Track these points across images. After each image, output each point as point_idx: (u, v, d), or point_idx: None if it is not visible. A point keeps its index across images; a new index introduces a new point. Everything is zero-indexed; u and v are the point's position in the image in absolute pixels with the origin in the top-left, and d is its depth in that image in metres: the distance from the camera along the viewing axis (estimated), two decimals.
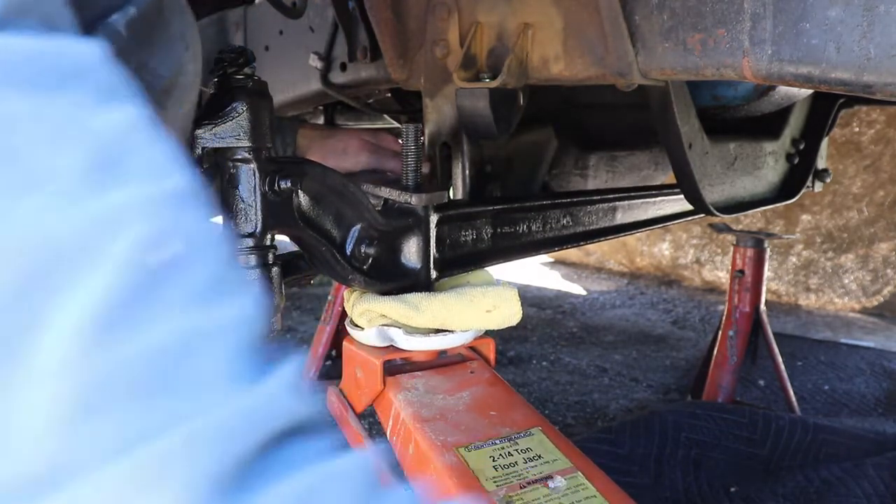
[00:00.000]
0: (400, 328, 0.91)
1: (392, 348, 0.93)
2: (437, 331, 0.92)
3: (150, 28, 0.50)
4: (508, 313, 0.95)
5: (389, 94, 1.57)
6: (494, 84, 0.94)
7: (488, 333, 1.00)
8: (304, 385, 0.33)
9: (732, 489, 1.60)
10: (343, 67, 1.29)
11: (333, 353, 2.29)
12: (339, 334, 2.25)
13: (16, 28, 0.31)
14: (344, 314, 2.28)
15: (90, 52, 0.33)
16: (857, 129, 3.31)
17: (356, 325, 0.94)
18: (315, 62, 1.30)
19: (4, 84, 0.29)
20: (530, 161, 1.38)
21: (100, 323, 0.27)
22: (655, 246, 4.09)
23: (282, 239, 0.89)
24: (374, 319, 0.91)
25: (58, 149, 0.29)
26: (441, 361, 0.98)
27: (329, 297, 2.31)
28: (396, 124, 1.74)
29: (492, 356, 1.00)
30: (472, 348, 1.01)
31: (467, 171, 1.09)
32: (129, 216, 0.30)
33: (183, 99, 0.55)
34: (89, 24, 0.46)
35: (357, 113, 1.88)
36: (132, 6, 0.48)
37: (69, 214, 0.28)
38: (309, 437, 0.32)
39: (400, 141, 0.98)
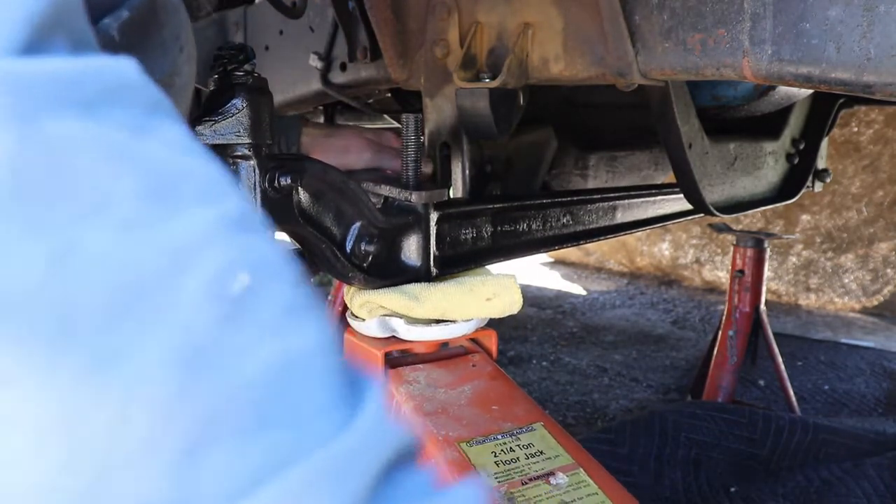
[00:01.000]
0: (401, 318, 0.91)
1: (393, 339, 0.93)
2: (439, 321, 0.92)
3: (143, 31, 0.47)
4: (509, 301, 0.95)
5: (389, 94, 1.57)
6: (494, 84, 0.94)
7: (490, 325, 1.00)
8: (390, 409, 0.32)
9: (732, 489, 1.60)
10: (343, 67, 1.29)
11: None
12: (339, 334, 2.25)
13: (48, 49, 0.29)
14: (344, 315, 2.28)
15: (128, 68, 0.31)
16: (855, 129, 3.31)
17: (357, 317, 0.94)
18: (315, 62, 1.30)
19: (55, 108, 0.27)
20: (530, 161, 1.38)
21: (188, 363, 0.26)
22: (655, 246, 4.09)
23: (282, 240, 0.89)
24: (375, 310, 0.91)
25: (114, 174, 0.28)
26: (443, 354, 0.98)
27: (329, 297, 2.31)
28: (397, 124, 1.74)
29: (494, 348, 1.00)
30: (474, 341, 1.01)
31: (467, 171, 1.09)
32: (197, 245, 0.28)
33: (176, 102, 0.52)
34: None
35: (357, 113, 1.89)
36: (125, 9, 0.45)
37: (137, 247, 0.27)
38: (410, 468, 0.30)
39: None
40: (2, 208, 0.25)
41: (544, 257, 4.52)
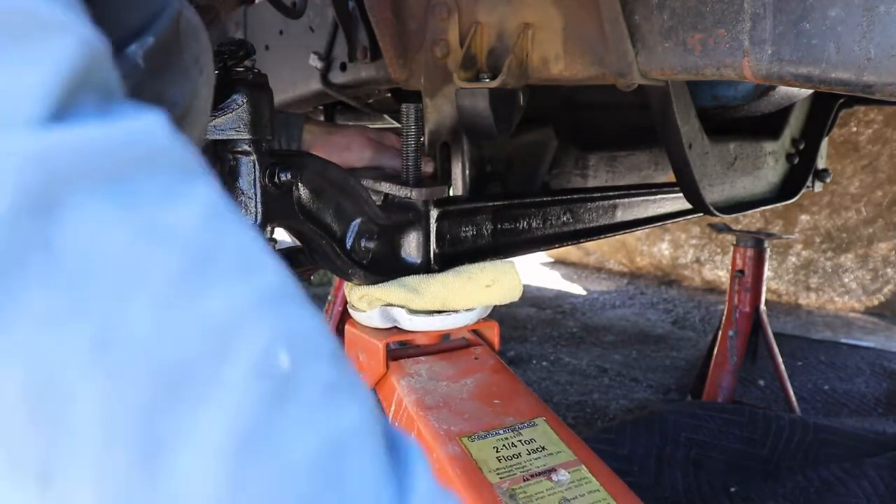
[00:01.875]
0: (403, 308, 0.91)
1: (395, 330, 0.93)
2: (441, 312, 0.92)
3: (167, 56, 0.46)
4: (509, 286, 0.94)
5: (389, 94, 1.57)
6: (494, 84, 0.94)
7: (492, 317, 1.00)
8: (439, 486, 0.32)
9: (732, 489, 1.60)
10: (343, 67, 1.29)
11: None
12: (340, 334, 2.25)
13: (76, 112, 0.27)
14: (344, 315, 2.28)
15: (156, 129, 0.30)
16: (854, 129, 3.31)
17: (358, 308, 0.94)
18: (315, 62, 1.30)
19: (84, 187, 0.26)
20: (530, 161, 1.38)
21: (236, 451, 0.26)
22: (655, 246, 4.09)
23: (283, 239, 0.89)
24: (374, 302, 0.91)
25: (148, 251, 0.27)
26: (444, 346, 0.98)
27: (329, 298, 2.31)
28: (397, 124, 1.74)
29: (496, 340, 1.00)
30: (476, 333, 1.01)
31: (467, 171, 1.09)
32: (238, 323, 0.28)
33: (195, 124, 0.52)
34: None
35: (357, 113, 1.89)
36: (150, 35, 0.44)
37: (177, 328, 0.26)
38: None
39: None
40: (41, 292, 0.25)
41: (544, 257, 4.53)
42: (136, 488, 0.25)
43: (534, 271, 4.22)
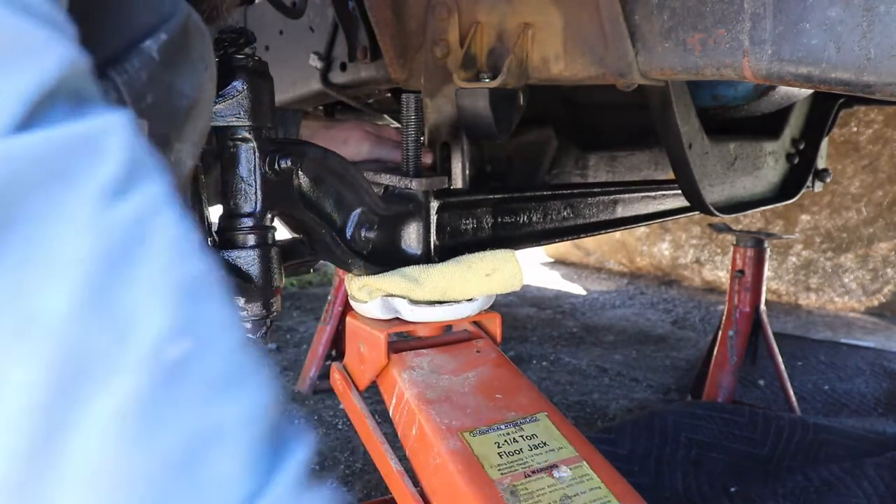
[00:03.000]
0: (404, 298, 0.90)
1: (397, 321, 0.93)
2: (442, 303, 0.92)
3: (177, 51, 0.52)
4: (509, 274, 0.94)
5: (389, 94, 1.57)
6: (494, 84, 0.94)
7: (494, 308, 0.99)
8: (311, 475, 0.34)
9: (732, 489, 1.60)
10: (343, 67, 1.29)
11: (333, 353, 2.29)
12: (340, 334, 2.25)
13: (46, 118, 0.30)
14: (344, 315, 2.28)
15: (112, 130, 0.32)
16: (855, 129, 3.31)
17: (358, 299, 0.93)
18: (315, 62, 1.30)
19: (29, 185, 0.29)
20: (530, 161, 1.38)
21: (120, 429, 0.28)
22: (655, 246, 4.09)
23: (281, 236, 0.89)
24: (374, 292, 0.91)
25: (75, 241, 0.29)
26: (446, 338, 0.97)
27: (329, 298, 2.31)
28: (396, 124, 1.74)
29: (498, 332, 0.99)
30: (477, 325, 1.01)
31: (467, 171, 1.09)
32: (145, 310, 0.30)
33: (200, 116, 0.57)
34: (126, 48, 0.48)
35: (357, 112, 1.88)
36: (163, 32, 0.50)
37: (87, 314, 0.29)
38: None
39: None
40: None
41: (544, 257, 4.53)
42: (36, 463, 0.27)
43: (534, 271, 4.22)
